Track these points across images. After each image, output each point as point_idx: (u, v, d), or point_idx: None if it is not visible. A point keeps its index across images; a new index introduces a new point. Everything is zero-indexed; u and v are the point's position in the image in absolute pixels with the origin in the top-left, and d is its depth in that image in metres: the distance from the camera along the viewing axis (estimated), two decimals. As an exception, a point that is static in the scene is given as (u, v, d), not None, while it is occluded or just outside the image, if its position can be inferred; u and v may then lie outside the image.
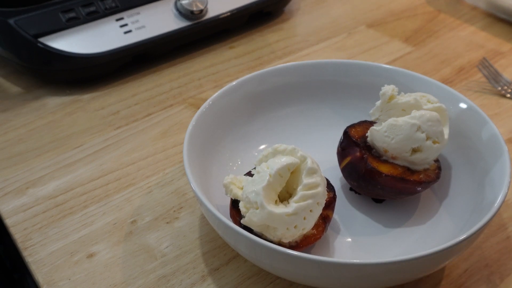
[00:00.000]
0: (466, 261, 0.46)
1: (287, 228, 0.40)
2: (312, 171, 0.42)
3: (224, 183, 0.44)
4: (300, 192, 0.41)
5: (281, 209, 0.41)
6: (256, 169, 0.43)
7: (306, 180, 0.41)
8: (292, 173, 0.42)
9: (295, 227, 0.41)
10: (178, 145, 0.59)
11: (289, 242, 0.42)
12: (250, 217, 0.41)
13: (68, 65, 0.65)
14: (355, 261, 0.37)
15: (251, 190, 0.41)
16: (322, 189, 0.42)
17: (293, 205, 0.41)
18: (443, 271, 0.46)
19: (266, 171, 0.41)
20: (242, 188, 0.43)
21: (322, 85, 0.58)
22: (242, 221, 0.42)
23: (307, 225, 0.41)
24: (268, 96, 0.56)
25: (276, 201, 0.42)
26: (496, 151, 0.47)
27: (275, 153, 0.44)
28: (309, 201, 0.41)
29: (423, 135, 0.46)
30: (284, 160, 0.42)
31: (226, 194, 0.44)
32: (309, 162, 0.42)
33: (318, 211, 0.42)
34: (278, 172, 0.41)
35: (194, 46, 0.75)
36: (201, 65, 0.72)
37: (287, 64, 0.57)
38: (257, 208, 0.40)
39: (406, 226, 0.48)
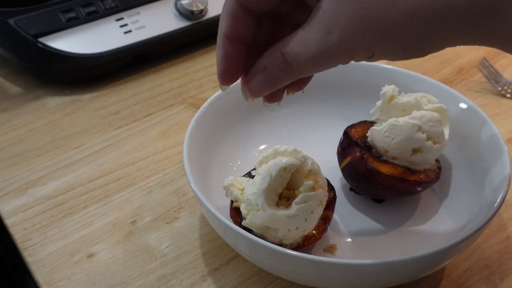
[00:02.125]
0: (466, 261, 0.46)
1: (288, 230, 0.40)
2: (313, 172, 0.42)
3: (224, 185, 0.44)
4: (301, 194, 0.41)
5: (282, 211, 0.41)
6: (257, 170, 0.43)
7: (307, 181, 0.41)
8: (292, 174, 0.42)
9: (296, 228, 0.41)
10: (178, 145, 0.59)
11: (290, 244, 0.42)
12: (251, 219, 0.41)
13: (68, 65, 0.65)
14: (355, 261, 0.38)
15: (252, 192, 0.41)
16: (322, 190, 0.42)
17: (294, 207, 0.40)
18: (443, 271, 0.46)
19: (267, 172, 0.41)
20: (242, 190, 0.43)
21: (322, 85, 0.58)
22: (243, 222, 0.42)
23: (308, 226, 0.41)
24: (268, 96, 0.56)
25: (277, 202, 0.42)
26: (496, 151, 0.47)
27: (276, 154, 0.44)
28: (310, 202, 0.41)
29: (424, 136, 0.46)
30: (285, 161, 0.42)
31: (227, 196, 0.44)
32: (309, 163, 0.42)
33: (319, 212, 0.42)
34: (279, 174, 0.41)
35: (194, 46, 0.75)
36: (201, 65, 0.72)
37: (287, 64, 0.57)
38: (258, 210, 0.40)
39: (406, 226, 0.48)
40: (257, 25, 0.35)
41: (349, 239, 0.47)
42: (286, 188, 0.42)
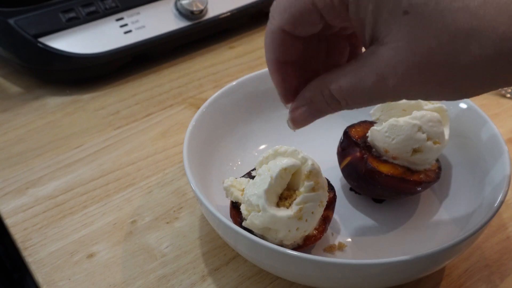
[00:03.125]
0: (466, 261, 0.46)
1: (289, 231, 0.40)
2: (313, 173, 0.42)
3: (225, 186, 0.44)
4: (301, 195, 0.41)
5: (283, 212, 0.40)
6: (257, 171, 0.43)
7: (307, 182, 0.41)
8: (293, 174, 0.42)
9: (297, 229, 0.41)
10: (178, 145, 0.59)
11: (291, 244, 0.42)
12: (252, 220, 0.41)
13: (68, 65, 0.65)
14: (355, 261, 0.38)
15: (252, 193, 0.41)
16: (323, 191, 0.42)
17: (295, 208, 0.40)
18: (443, 271, 0.46)
19: (268, 173, 0.41)
20: (242, 190, 0.43)
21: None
22: (244, 223, 0.42)
23: (309, 227, 0.41)
24: (268, 96, 0.56)
25: (277, 203, 0.42)
26: (496, 151, 0.47)
27: (276, 154, 0.44)
28: (311, 203, 0.41)
29: (424, 136, 0.46)
30: (285, 162, 0.42)
31: (227, 197, 0.44)
32: (310, 164, 0.42)
33: (320, 212, 0.42)
34: (279, 175, 0.41)
35: (194, 46, 0.75)
36: (201, 65, 0.72)
37: (287, 64, 0.57)
38: (259, 211, 0.40)
39: (406, 226, 0.48)
40: (304, 46, 0.36)
41: (349, 239, 0.47)
42: (286, 188, 0.42)
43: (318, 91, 0.34)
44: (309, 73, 0.37)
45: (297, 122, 0.37)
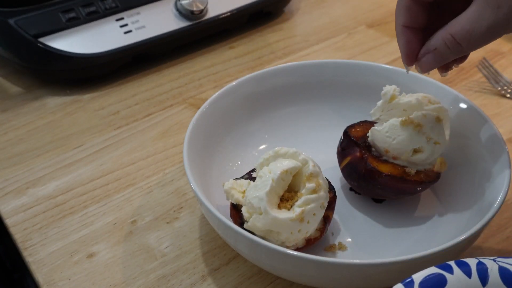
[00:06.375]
0: (466, 261, 0.46)
1: (291, 233, 0.40)
2: (314, 175, 0.42)
3: (225, 189, 0.44)
4: (303, 197, 0.41)
5: (284, 214, 0.41)
6: (258, 173, 0.43)
7: (308, 184, 0.41)
8: (293, 176, 0.42)
9: (298, 231, 0.41)
10: (178, 145, 0.59)
11: (292, 246, 0.42)
12: (254, 222, 0.41)
13: (68, 65, 0.65)
14: (355, 261, 0.38)
15: (254, 196, 0.41)
16: (324, 192, 0.42)
17: (296, 210, 0.41)
18: (443, 271, 0.46)
19: (269, 175, 0.41)
20: (243, 192, 0.43)
21: (322, 85, 0.58)
22: (245, 225, 0.42)
23: (310, 228, 0.42)
24: (268, 96, 0.56)
25: (278, 204, 0.42)
26: (496, 151, 0.47)
27: (276, 156, 0.44)
28: (312, 205, 0.41)
29: (425, 136, 0.46)
30: (286, 164, 0.42)
31: (228, 199, 0.44)
32: (310, 166, 0.42)
33: (321, 213, 0.42)
34: (281, 177, 0.41)
35: (194, 46, 0.75)
36: (201, 65, 0.72)
37: (287, 64, 0.57)
38: (260, 214, 0.40)
39: (406, 226, 0.48)
40: (428, 14, 0.42)
41: (349, 239, 0.47)
42: (287, 190, 0.43)
43: (441, 39, 0.40)
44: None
45: (424, 67, 0.43)
